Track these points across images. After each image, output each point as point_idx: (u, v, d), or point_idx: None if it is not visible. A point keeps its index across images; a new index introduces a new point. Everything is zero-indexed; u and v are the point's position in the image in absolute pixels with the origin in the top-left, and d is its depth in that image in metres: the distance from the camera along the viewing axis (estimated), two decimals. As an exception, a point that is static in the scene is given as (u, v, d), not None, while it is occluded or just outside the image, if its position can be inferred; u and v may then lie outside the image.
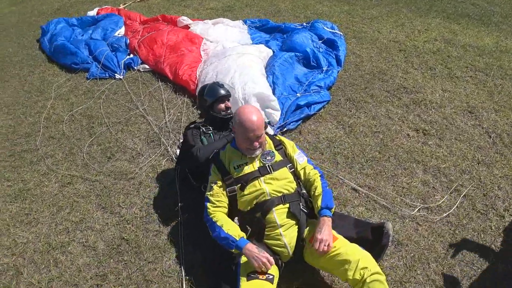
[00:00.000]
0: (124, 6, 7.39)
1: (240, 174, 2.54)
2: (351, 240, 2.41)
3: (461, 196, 3.01)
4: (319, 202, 2.43)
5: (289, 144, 2.74)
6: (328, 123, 3.90)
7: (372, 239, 2.48)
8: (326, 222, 2.34)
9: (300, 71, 4.55)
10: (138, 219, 3.09)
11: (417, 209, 2.93)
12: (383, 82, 4.43)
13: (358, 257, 2.17)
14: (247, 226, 2.48)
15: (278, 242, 2.42)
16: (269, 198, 2.47)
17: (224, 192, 2.55)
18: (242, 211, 2.54)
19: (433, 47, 5.07)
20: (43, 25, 6.46)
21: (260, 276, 2.23)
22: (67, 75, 5.30)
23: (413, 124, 3.78)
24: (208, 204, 2.52)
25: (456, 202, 2.96)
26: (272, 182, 2.51)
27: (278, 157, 2.62)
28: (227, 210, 2.54)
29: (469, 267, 2.54)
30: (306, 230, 2.46)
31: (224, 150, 2.71)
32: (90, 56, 5.34)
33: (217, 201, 2.52)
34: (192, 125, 3.27)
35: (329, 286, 2.51)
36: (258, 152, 2.56)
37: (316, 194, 2.49)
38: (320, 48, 4.83)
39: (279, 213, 2.45)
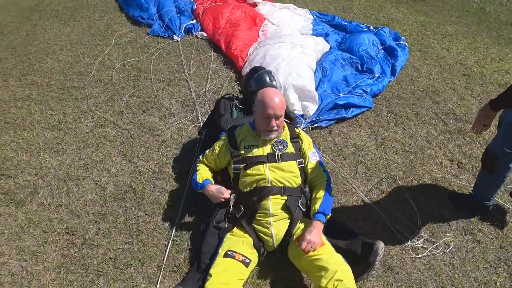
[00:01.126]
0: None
1: (248, 155, 2.58)
2: (338, 249, 2.38)
3: (475, 240, 2.82)
4: (317, 205, 2.43)
5: (307, 140, 2.72)
6: (361, 130, 3.79)
7: (360, 254, 2.43)
8: (318, 226, 2.35)
9: (350, 73, 4.44)
10: (150, 173, 3.25)
11: (421, 239, 2.78)
12: (434, 103, 4.20)
13: (337, 268, 2.13)
14: (241, 206, 2.52)
15: (266, 230, 2.44)
16: (269, 185, 2.49)
17: (217, 161, 2.76)
18: (241, 191, 2.57)
19: (501, 79, 4.68)
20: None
21: (237, 257, 2.28)
22: (131, 27, 5.58)
23: (450, 154, 3.56)
24: (201, 157, 2.83)
25: (467, 246, 2.78)
26: (277, 171, 2.53)
27: (290, 148, 2.62)
28: (211, 170, 2.81)
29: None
30: (296, 227, 2.46)
31: (242, 126, 2.74)
32: (157, 14, 5.57)
33: (208, 159, 2.79)
34: (227, 96, 3.33)
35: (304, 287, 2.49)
36: (273, 135, 2.57)
37: (317, 196, 2.49)
38: (378, 54, 4.66)
39: (274, 203, 2.46)
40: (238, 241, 2.40)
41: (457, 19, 6.26)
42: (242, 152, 2.60)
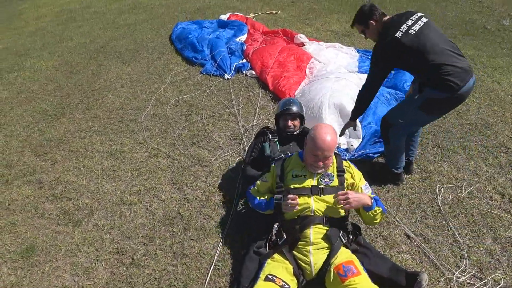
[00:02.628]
0: (253, 16, 7.96)
1: (293, 185, 2.62)
2: (380, 279, 2.34)
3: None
4: (373, 202, 2.56)
5: (357, 174, 2.72)
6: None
7: (404, 285, 2.36)
8: (365, 196, 2.53)
9: (395, 107, 4.44)
10: (197, 201, 3.40)
11: (468, 275, 2.64)
12: (484, 136, 4.05)
13: None
14: (283, 233, 2.57)
15: (305, 258, 2.46)
16: (312, 215, 2.53)
17: (268, 187, 2.82)
18: (284, 219, 2.62)
19: (557, 111, 4.45)
20: (179, 22, 7.40)
21: (277, 281, 2.31)
22: (186, 66, 5.97)
23: (501, 188, 3.39)
24: (252, 188, 2.90)
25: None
26: (320, 201, 2.56)
27: (335, 182, 2.63)
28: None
29: None
30: (335, 257, 2.45)
31: (291, 156, 2.81)
32: (209, 55, 5.96)
33: (261, 189, 2.85)
34: (261, 130, 3.47)
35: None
36: (320, 171, 2.60)
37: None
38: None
39: (315, 232, 2.49)
40: (278, 266, 2.43)
41: (508, 51, 6.06)
42: (290, 181, 2.66)
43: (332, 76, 4.63)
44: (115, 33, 7.92)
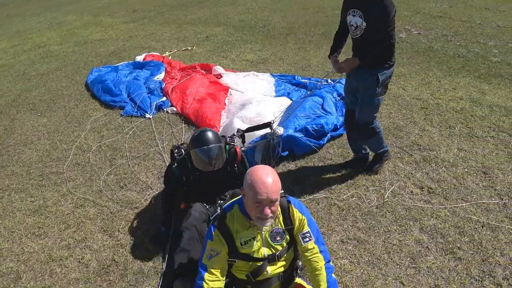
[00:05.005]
0: (169, 53, 8.08)
1: (246, 251, 2.27)
2: None
3: (456, 259, 2.87)
4: None
5: (299, 222, 2.31)
6: (331, 174, 3.95)
7: None
8: None
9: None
10: (132, 245, 3.30)
11: (404, 268, 2.84)
12: (397, 138, 4.43)
13: None
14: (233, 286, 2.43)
15: None
16: (268, 277, 2.35)
17: (225, 263, 2.29)
18: (235, 276, 2.41)
19: (457, 105, 5.01)
20: (94, 68, 7.29)
21: None
22: (105, 111, 5.85)
23: (419, 182, 3.72)
24: (206, 275, 2.21)
25: (450, 265, 2.84)
26: (276, 263, 2.35)
27: (287, 237, 2.32)
28: (224, 282, 2.28)
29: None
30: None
31: (231, 210, 2.30)
32: (128, 97, 5.92)
33: (216, 273, 2.23)
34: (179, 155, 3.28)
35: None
36: (268, 223, 2.15)
37: None
38: (338, 103, 4.98)
39: None
40: None
41: (408, 60, 6.75)
42: (240, 248, 2.26)
43: (254, 101, 4.85)
44: (26, 85, 7.55)
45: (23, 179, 4.44)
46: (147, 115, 5.47)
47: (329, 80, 5.68)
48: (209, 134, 3.08)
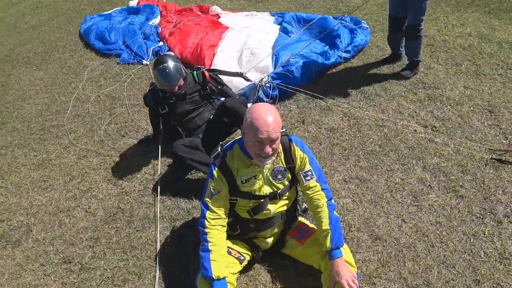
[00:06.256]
0: (164, -4, 7.73)
1: (247, 190, 2.27)
2: None
3: (458, 197, 2.88)
4: (328, 242, 2.14)
5: (300, 160, 2.29)
6: (334, 114, 3.88)
7: None
8: (341, 264, 2.10)
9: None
10: (136, 192, 3.34)
11: (406, 206, 2.87)
12: (401, 76, 4.30)
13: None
14: (237, 226, 2.45)
15: (261, 242, 2.49)
16: (271, 216, 2.37)
17: (227, 202, 2.29)
18: (239, 215, 2.42)
19: (464, 42, 4.80)
20: (87, 16, 7.03)
21: (233, 253, 2.35)
22: (101, 60, 5.72)
23: (423, 120, 3.65)
24: (207, 213, 2.22)
25: (451, 203, 2.85)
26: (278, 202, 2.36)
27: (288, 176, 2.31)
28: (226, 220, 2.30)
29: (449, 270, 2.41)
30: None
31: (231, 149, 2.28)
32: (123, 44, 5.74)
33: (218, 211, 2.24)
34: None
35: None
36: (269, 161, 2.16)
37: (323, 228, 2.18)
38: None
39: (273, 228, 2.45)
40: (234, 241, 2.43)
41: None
42: (241, 186, 2.26)
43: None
44: (19, 38, 7.37)
45: (25, 135, 4.45)
46: (144, 62, 5.35)
47: (331, 17, 5.38)
48: (165, 56, 3.41)
